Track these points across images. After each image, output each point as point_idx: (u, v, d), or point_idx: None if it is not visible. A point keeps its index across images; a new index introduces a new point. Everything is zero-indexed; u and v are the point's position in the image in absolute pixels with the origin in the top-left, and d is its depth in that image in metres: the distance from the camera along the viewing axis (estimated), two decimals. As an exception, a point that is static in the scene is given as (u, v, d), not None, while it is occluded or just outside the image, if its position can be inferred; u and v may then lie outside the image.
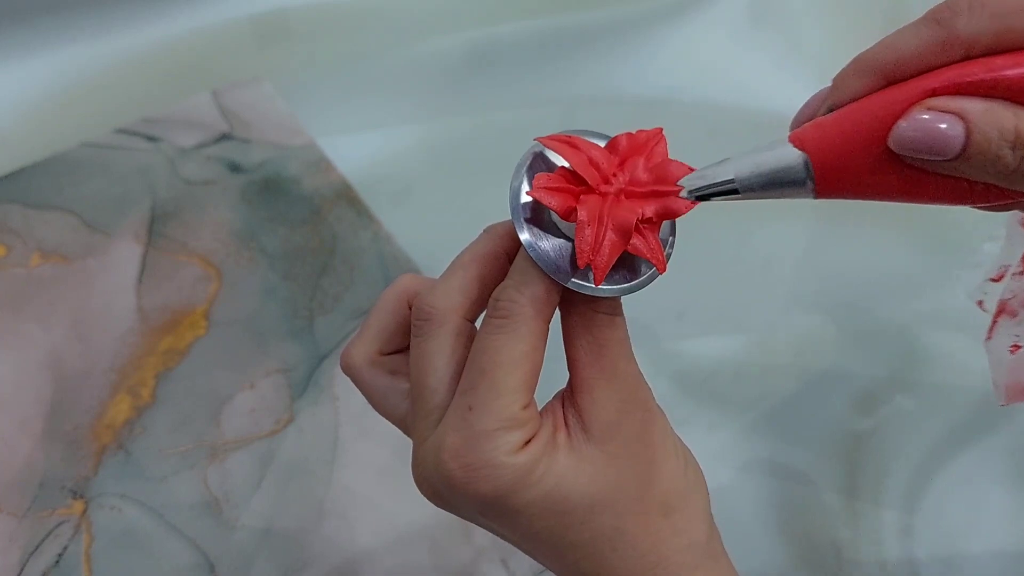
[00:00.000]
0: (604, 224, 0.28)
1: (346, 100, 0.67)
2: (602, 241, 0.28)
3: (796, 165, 0.27)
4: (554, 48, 0.70)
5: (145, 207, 0.59)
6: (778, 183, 0.28)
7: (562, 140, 0.30)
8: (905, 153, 0.25)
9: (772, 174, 0.28)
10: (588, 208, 0.29)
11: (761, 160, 0.28)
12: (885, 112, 0.26)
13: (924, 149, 0.25)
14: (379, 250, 0.57)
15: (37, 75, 0.65)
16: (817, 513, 0.49)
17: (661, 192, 0.29)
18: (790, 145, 0.28)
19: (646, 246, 0.29)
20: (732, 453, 0.51)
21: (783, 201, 0.29)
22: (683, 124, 0.65)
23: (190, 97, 0.65)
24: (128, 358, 0.53)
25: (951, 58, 0.26)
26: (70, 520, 0.47)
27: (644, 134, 0.31)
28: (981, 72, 0.25)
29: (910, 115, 0.25)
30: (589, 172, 0.29)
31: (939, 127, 0.25)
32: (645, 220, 0.29)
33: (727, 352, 0.55)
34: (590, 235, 0.28)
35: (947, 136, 0.25)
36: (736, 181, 0.28)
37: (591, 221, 0.28)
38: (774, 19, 0.72)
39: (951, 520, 0.49)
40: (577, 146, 0.30)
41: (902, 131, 0.25)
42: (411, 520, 0.48)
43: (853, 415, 0.53)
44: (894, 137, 0.25)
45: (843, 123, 0.27)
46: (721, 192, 0.29)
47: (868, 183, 0.27)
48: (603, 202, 0.29)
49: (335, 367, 0.53)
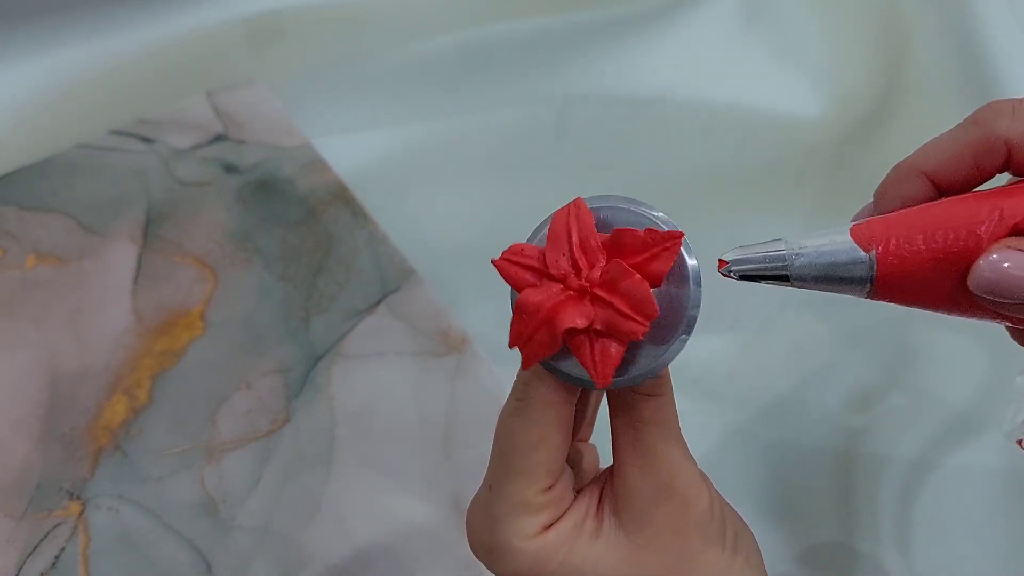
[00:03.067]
0: (537, 317, 0.27)
1: (341, 101, 0.67)
2: (533, 335, 0.27)
3: (860, 264, 0.26)
4: (548, 48, 0.70)
5: (140, 208, 0.59)
6: (835, 279, 0.26)
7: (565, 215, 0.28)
8: (984, 295, 0.24)
9: (830, 268, 0.26)
10: (531, 297, 0.27)
11: (821, 251, 0.26)
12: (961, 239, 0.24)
13: (1004, 293, 0.24)
14: (374, 250, 0.58)
15: (31, 77, 0.65)
16: (812, 511, 0.50)
17: (618, 310, 0.27)
18: (851, 239, 0.26)
19: (589, 354, 0.27)
20: (726, 451, 0.51)
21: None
22: (676, 124, 0.66)
23: (185, 98, 0.65)
24: (124, 359, 0.53)
25: (993, 162, 0.25)
26: (67, 521, 0.47)
27: (657, 237, 0.27)
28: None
29: (988, 255, 0.24)
30: (559, 260, 0.27)
31: (1015, 270, 0.23)
32: (592, 330, 0.27)
33: (721, 350, 0.55)
34: (522, 324, 0.27)
35: (1021, 278, 0.23)
36: (789, 268, 0.26)
37: (526, 310, 0.27)
38: (767, 18, 0.72)
39: (946, 518, 0.49)
40: (570, 227, 0.28)
41: (981, 272, 0.24)
42: (408, 519, 0.48)
43: (847, 413, 0.53)
44: (973, 278, 0.24)
45: (913, 232, 0.25)
46: (769, 278, 0.27)
47: (930, 304, 0.26)
48: (557, 295, 0.27)
49: (331, 367, 0.53)
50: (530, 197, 0.60)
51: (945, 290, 0.25)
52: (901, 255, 0.25)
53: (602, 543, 0.29)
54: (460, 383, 0.52)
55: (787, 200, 0.61)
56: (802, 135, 0.65)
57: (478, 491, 0.31)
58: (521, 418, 0.29)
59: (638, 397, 0.29)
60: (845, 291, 0.26)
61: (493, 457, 0.30)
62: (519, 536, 0.28)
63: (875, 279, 0.26)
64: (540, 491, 0.29)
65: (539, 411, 0.29)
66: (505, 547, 0.29)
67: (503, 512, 0.29)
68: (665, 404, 0.29)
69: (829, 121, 0.66)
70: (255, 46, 0.69)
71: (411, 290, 0.56)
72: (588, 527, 0.29)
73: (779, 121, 0.65)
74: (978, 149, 0.26)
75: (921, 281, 0.25)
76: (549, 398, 0.29)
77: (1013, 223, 0.24)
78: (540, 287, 0.27)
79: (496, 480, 0.29)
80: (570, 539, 0.29)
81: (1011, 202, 0.24)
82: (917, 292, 0.25)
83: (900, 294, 0.26)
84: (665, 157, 0.64)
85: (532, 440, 0.29)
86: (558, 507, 0.29)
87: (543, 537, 0.29)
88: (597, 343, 0.27)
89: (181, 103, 0.64)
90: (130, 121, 0.63)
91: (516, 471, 0.29)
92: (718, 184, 0.61)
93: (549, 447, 0.29)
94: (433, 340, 0.54)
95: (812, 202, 0.61)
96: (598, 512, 0.30)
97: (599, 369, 0.27)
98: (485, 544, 0.29)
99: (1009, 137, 0.25)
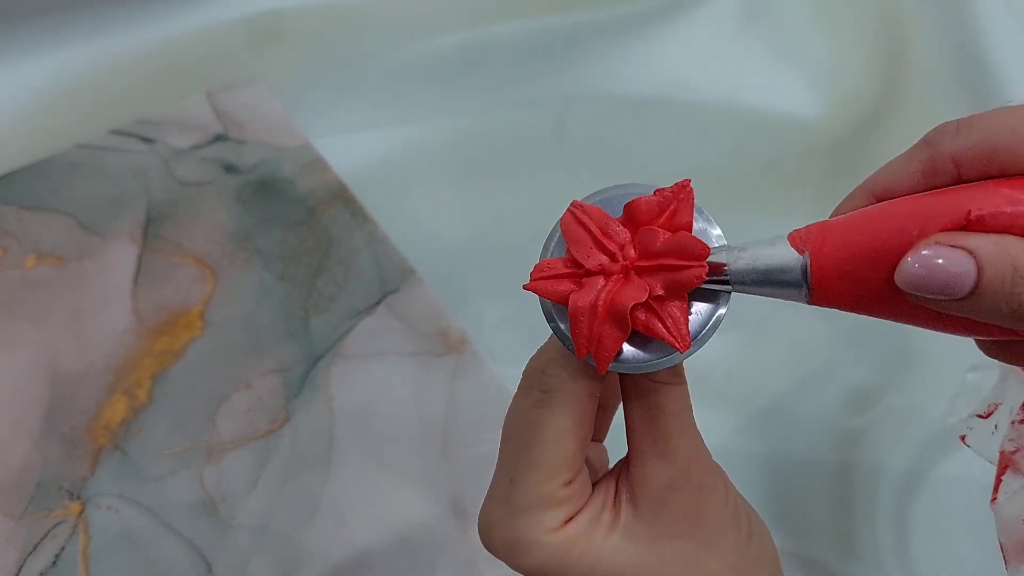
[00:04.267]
0: (598, 314, 0.26)
1: (340, 101, 0.67)
2: (599, 332, 0.26)
3: (792, 267, 0.26)
4: (547, 48, 0.70)
5: (140, 208, 0.59)
6: (770, 282, 0.26)
7: (571, 217, 0.28)
8: (912, 291, 0.24)
9: (767, 272, 0.26)
10: (582, 297, 0.27)
11: (758, 254, 0.26)
12: (892, 238, 0.24)
13: (933, 288, 0.24)
14: (374, 250, 0.58)
15: (32, 77, 0.65)
16: (810, 512, 0.50)
17: (670, 266, 0.27)
18: (788, 244, 0.26)
19: (660, 324, 0.27)
20: (725, 451, 0.51)
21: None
22: (676, 124, 0.66)
23: (185, 98, 0.65)
24: (124, 359, 0.53)
25: (943, 180, 0.25)
26: (67, 521, 0.47)
27: (668, 193, 0.28)
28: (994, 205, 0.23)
29: (916, 251, 0.24)
30: (589, 254, 0.27)
31: (946, 265, 0.23)
32: (655, 297, 0.27)
33: (720, 350, 0.55)
34: (584, 327, 0.27)
35: (956, 275, 0.23)
36: (729, 273, 0.27)
37: (583, 312, 0.27)
38: (766, 19, 0.72)
39: (945, 517, 0.49)
40: (584, 223, 0.28)
41: (908, 267, 0.24)
42: (407, 518, 0.48)
43: (846, 414, 0.53)
44: (901, 274, 0.24)
45: (849, 232, 0.25)
46: (712, 283, 0.27)
47: (867, 306, 0.25)
48: (604, 285, 0.27)
49: (331, 367, 0.53)
50: (530, 197, 0.60)
51: (883, 292, 0.25)
52: (836, 256, 0.25)
53: (619, 534, 0.29)
54: (459, 383, 0.52)
55: (786, 200, 0.62)
56: (801, 135, 0.65)
57: (492, 486, 0.31)
58: (546, 410, 0.29)
59: (656, 386, 0.29)
60: (784, 295, 0.26)
61: (511, 450, 0.30)
62: (540, 529, 0.29)
63: (810, 281, 0.26)
64: (562, 484, 0.29)
65: (565, 404, 0.29)
66: (526, 540, 0.29)
67: (525, 505, 0.29)
68: (682, 393, 0.30)
69: (828, 121, 0.66)
70: (255, 46, 0.69)
71: (411, 290, 0.56)
72: (605, 519, 0.30)
73: (778, 121, 0.65)
74: (927, 167, 0.26)
75: (857, 283, 0.25)
76: (575, 391, 0.29)
77: (944, 222, 0.24)
78: (583, 288, 0.27)
79: (517, 473, 0.29)
80: (589, 532, 0.29)
81: (945, 199, 0.25)
82: (855, 295, 0.25)
83: (838, 297, 0.26)
84: (665, 157, 0.64)
85: (557, 433, 0.29)
86: (578, 500, 0.29)
87: (564, 530, 0.29)
88: (663, 311, 0.27)
89: (181, 103, 0.65)
90: (130, 121, 0.63)
91: (539, 464, 0.29)
92: (717, 184, 0.61)
93: (574, 440, 0.29)
94: (433, 340, 0.54)
95: (811, 202, 0.61)
96: (615, 504, 0.30)
97: (676, 332, 0.27)
98: (505, 538, 0.29)
99: (955, 153, 0.25)
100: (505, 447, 0.30)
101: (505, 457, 0.30)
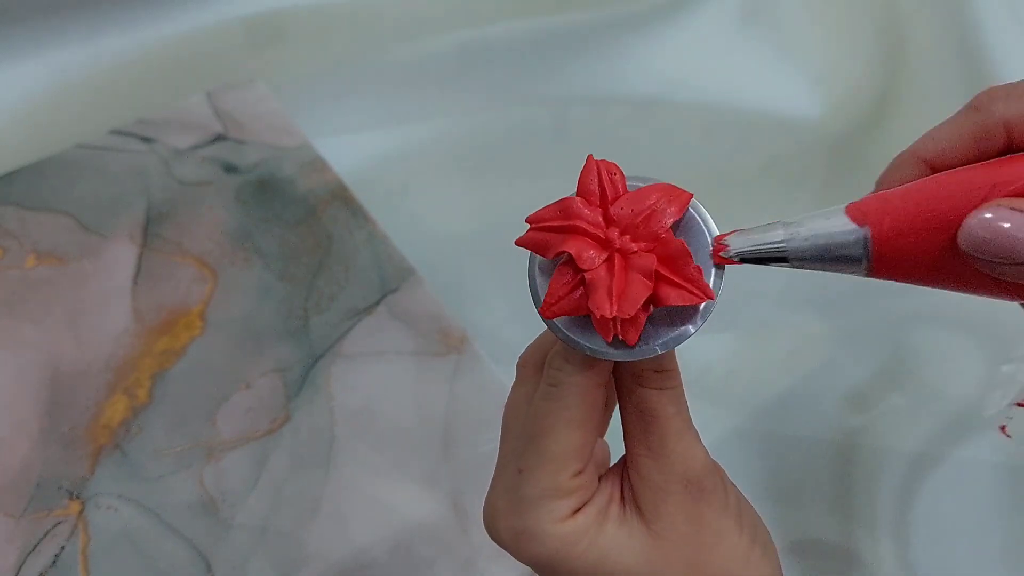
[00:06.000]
0: (615, 271, 0.25)
1: (340, 101, 0.67)
2: (623, 287, 0.25)
3: (854, 241, 0.26)
4: (547, 48, 0.70)
5: (140, 208, 0.59)
6: (831, 257, 0.26)
7: (595, 169, 0.27)
8: (975, 255, 0.24)
9: (827, 247, 0.26)
10: (597, 270, 0.26)
11: (816, 229, 0.26)
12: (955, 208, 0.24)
13: (995, 252, 0.24)
14: (374, 250, 0.58)
15: (31, 77, 0.65)
16: (811, 511, 0.50)
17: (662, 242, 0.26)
18: (847, 217, 0.26)
19: (680, 283, 0.26)
20: (724, 451, 0.51)
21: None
22: (676, 124, 0.66)
23: (184, 98, 0.65)
24: (124, 359, 0.53)
25: (993, 144, 0.25)
26: (67, 520, 0.47)
27: (650, 194, 0.27)
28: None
29: (979, 213, 0.24)
30: (593, 223, 0.27)
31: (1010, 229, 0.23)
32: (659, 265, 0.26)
33: (719, 350, 0.55)
34: (606, 279, 0.25)
35: (1020, 239, 0.23)
36: (787, 250, 0.26)
37: (600, 267, 0.26)
38: (766, 18, 0.72)
39: (943, 516, 0.49)
40: (603, 185, 0.28)
41: (971, 229, 0.24)
42: (407, 518, 0.48)
43: (846, 412, 0.53)
44: (963, 236, 0.24)
45: (908, 204, 0.25)
46: (770, 259, 0.26)
47: (928, 275, 0.25)
48: (611, 255, 0.26)
49: (331, 367, 0.53)
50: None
51: (943, 262, 0.25)
52: (897, 229, 0.25)
53: (626, 530, 0.30)
54: (459, 383, 0.52)
55: (786, 199, 0.62)
56: (801, 134, 0.65)
57: (496, 477, 0.31)
58: (555, 402, 0.29)
59: (648, 392, 0.29)
60: (844, 270, 0.26)
61: (517, 441, 0.30)
62: (549, 519, 0.29)
63: (871, 255, 0.26)
64: (572, 475, 0.29)
65: (573, 395, 0.29)
66: (535, 530, 0.29)
67: (535, 495, 0.29)
68: (675, 397, 0.30)
69: (828, 120, 0.66)
70: (255, 46, 0.69)
71: (411, 290, 0.56)
72: (613, 512, 0.30)
73: (778, 120, 0.66)
74: (978, 133, 0.26)
75: (918, 254, 0.25)
76: (582, 382, 0.29)
77: (1009, 190, 0.24)
78: (591, 252, 0.26)
79: (527, 463, 0.29)
80: (596, 523, 0.29)
81: (1005, 170, 0.25)
82: (915, 266, 0.25)
83: (898, 269, 0.26)
84: (665, 157, 0.64)
85: (565, 423, 0.29)
86: (586, 492, 0.29)
87: (572, 521, 0.29)
88: (676, 273, 0.26)
89: (181, 103, 0.65)
90: (130, 121, 0.63)
91: (549, 454, 0.29)
92: (718, 183, 0.61)
93: (583, 431, 0.29)
94: (433, 340, 0.54)
95: (811, 201, 0.61)
96: (621, 499, 0.30)
97: (698, 288, 0.26)
98: (513, 528, 0.29)
99: (1008, 119, 0.25)
100: (508, 438, 0.30)
101: (510, 448, 0.30)
